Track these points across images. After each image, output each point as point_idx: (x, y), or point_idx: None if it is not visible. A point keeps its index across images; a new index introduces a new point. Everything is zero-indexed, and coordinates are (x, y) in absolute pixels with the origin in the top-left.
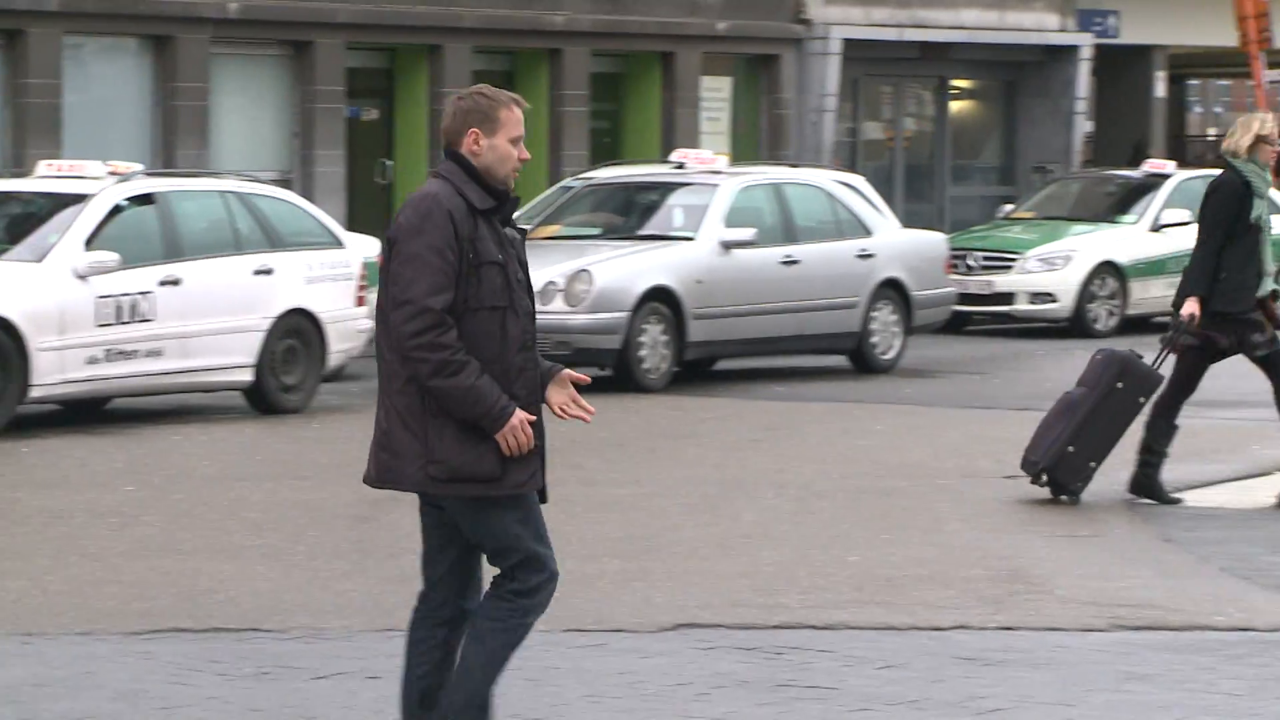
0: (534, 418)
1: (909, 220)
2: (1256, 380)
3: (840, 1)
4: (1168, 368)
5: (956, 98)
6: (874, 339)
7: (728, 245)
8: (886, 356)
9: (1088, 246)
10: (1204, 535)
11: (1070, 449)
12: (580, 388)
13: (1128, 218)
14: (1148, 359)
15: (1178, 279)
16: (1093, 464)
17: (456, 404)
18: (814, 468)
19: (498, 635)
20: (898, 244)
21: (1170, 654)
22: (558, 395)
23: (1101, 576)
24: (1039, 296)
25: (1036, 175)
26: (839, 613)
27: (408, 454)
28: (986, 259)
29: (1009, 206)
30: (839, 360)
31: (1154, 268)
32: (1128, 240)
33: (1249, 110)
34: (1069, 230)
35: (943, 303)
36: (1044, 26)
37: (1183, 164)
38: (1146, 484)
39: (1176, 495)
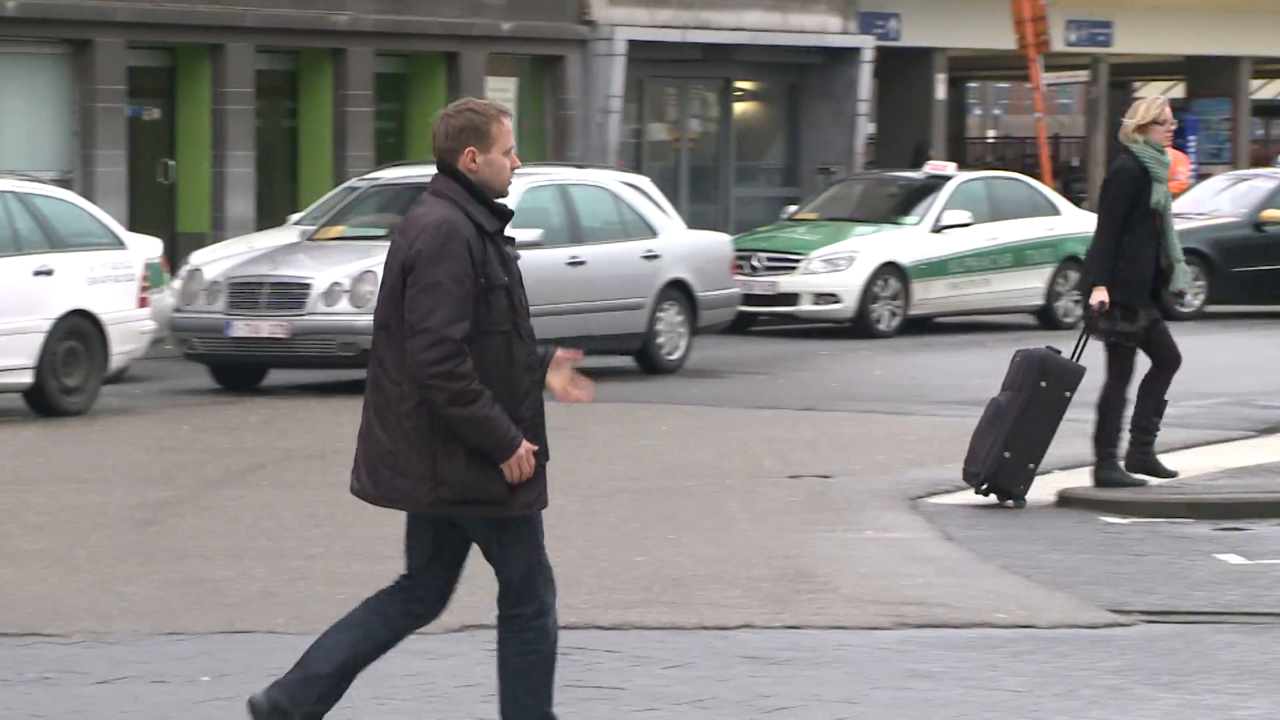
0: (536, 446)
1: (694, 221)
2: None
3: (625, 3)
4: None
5: (740, 99)
6: (660, 339)
7: (515, 246)
8: (672, 357)
9: (870, 247)
10: (985, 533)
11: (1007, 454)
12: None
13: (910, 219)
14: (1065, 353)
15: (959, 279)
16: (1031, 465)
17: (470, 432)
18: (601, 468)
19: (534, 666)
20: (683, 245)
21: (953, 651)
22: (557, 379)
23: (885, 575)
24: (823, 297)
25: (820, 176)
26: (626, 613)
27: (417, 475)
28: (771, 260)
29: (793, 208)
30: (625, 361)
31: (935, 268)
32: (910, 241)
33: (1028, 113)
34: (852, 231)
35: (728, 303)
36: (826, 29)
37: (963, 166)
38: (1144, 461)
39: (1173, 470)
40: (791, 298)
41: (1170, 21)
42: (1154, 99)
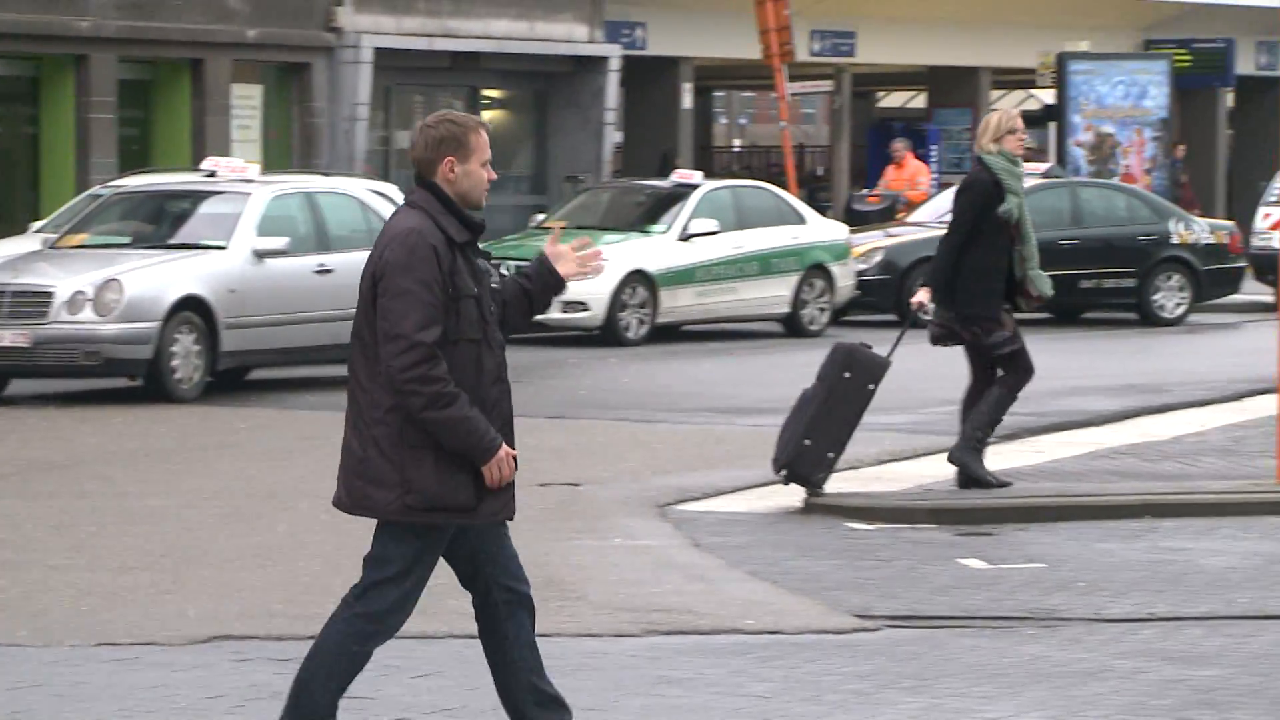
0: (515, 452)
1: None
2: (778, 389)
3: (371, 10)
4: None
5: (488, 107)
6: None
7: (260, 254)
8: None
9: (618, 256)
10: (732, 540)
11: (807, 442)
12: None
13: (657, 227)
14: (882, 350)
15: (707, 287)
16: (831, 454)
17: (448, 435)
18: None
19: (341, 653)
20: None
21: (701, 658)
22: (568, 265)
23: (634, 582)
24: (571, 305)
25: (568, 185)
26: None
27: (386, 483)
28: (519, 268)
29: (541, 216)
30: None
31: (683, 276)
32: (657, 249)
33: (773, 122)
34: (600, 240)
35: None
36: (573, 37)
37: (710, 174)
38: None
39: (1005, 480)
40: None
41: (912, 32)
42: (1007, 110)
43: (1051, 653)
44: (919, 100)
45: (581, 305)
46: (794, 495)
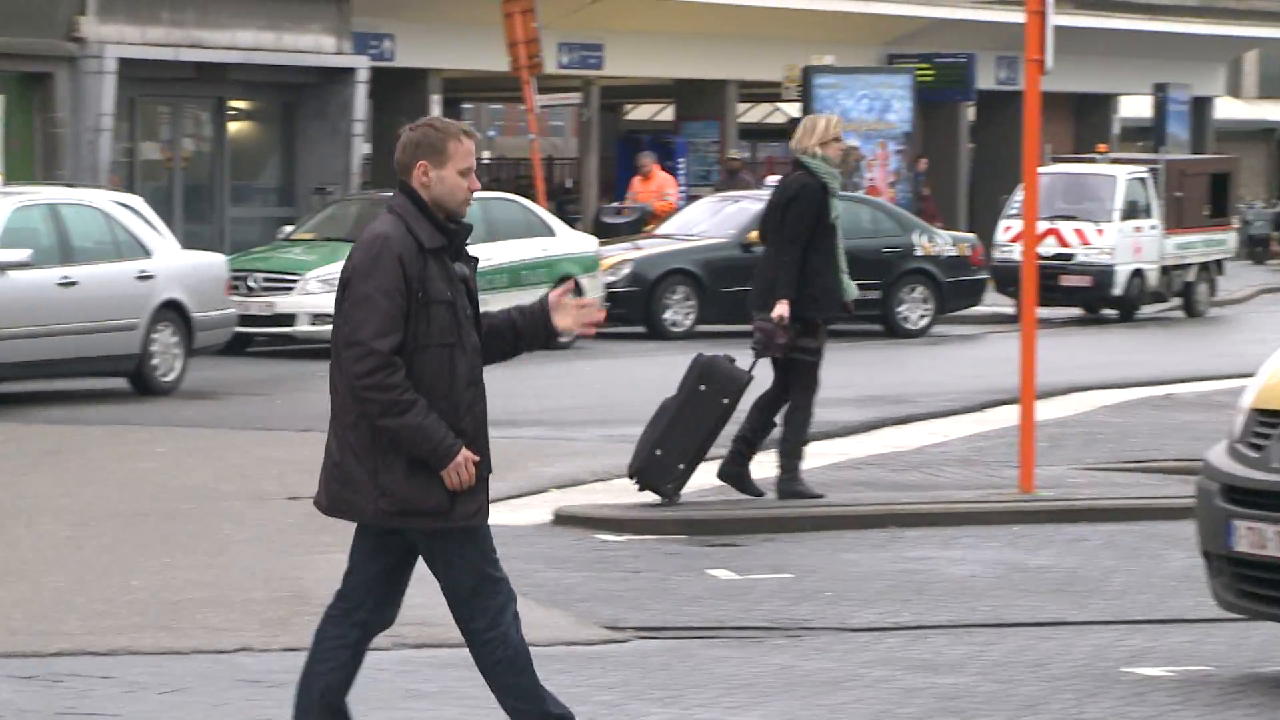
0: (478, 457)
1: (189, 241)
2: (523, 400)
3: (115, 20)
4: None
5: (235, 119)
6: (155, 361)
7: (2, 267)
8: (168, 378)
9: None
10: None
11: (658, 451)
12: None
13: None
14: (743, 363)
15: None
16: (681, 465)
17: (404, 441)
18: (94, 492)
19: (505, 673)
20: (178, 265)
21: (450, 670)
22: (566, 319)
23: None
24: (320, 318)
25: (316, 197)
26: (120, 638)
27: (360, 487)
28: (267, 280)
29: (289, 228)
30: (119, 383)
31: None
32: None
33: (522, 135)
34: (349, 251)
35: (224, 324)
36: (321, 49)
37: None
38: (737, 474)
39: (764, 491)
40: (289, 318)
41: (660, 45)
42: (829, 116)
43: (799, 662)
44: (667, 113)
45: (330, 318)
46: (544, 508)
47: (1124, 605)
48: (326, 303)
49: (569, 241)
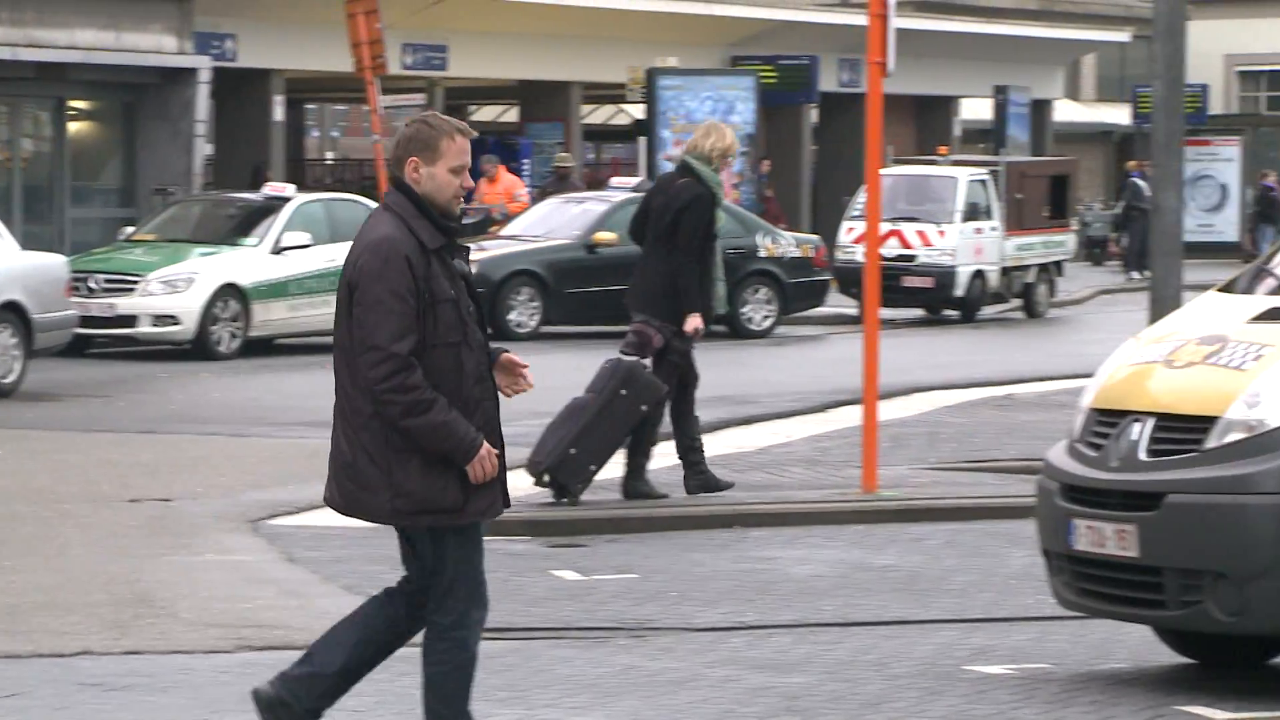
0: (498, 450)
1: (28, 243)
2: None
3: None
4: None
5: (75, 119)
6: None
7: None
8: (7, 380)
9: (210, 269)
10: (327, 554)
11: (572, 451)
12: None
13: (249, 240)
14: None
15: (299, 301)
16: (593, 466)
17: (429, 439)
18: None
19: (450, 678)
20: (17, 267)
21: None
22: (502, 379)
23: (226, 598)
24: (162, 319)
25: (157, 197)
26: None
27: (375, 487)
28: (108, 281)
29: (130, 229)
30: None
31: (275, 290)
32: (249, 262)
33: (366, 135)
34: (191, 253)
35: (64, 325)
36: (162, 48)
37: (302, 187)
38: (707, 480)
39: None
40: (130, 319)
41: (504, 46)
42: (723, 127)
43: (643, 662)
44: (511, 114)
45: (172, 319)
46: None
47: (966, 604)
48: (168, 304)
49: None
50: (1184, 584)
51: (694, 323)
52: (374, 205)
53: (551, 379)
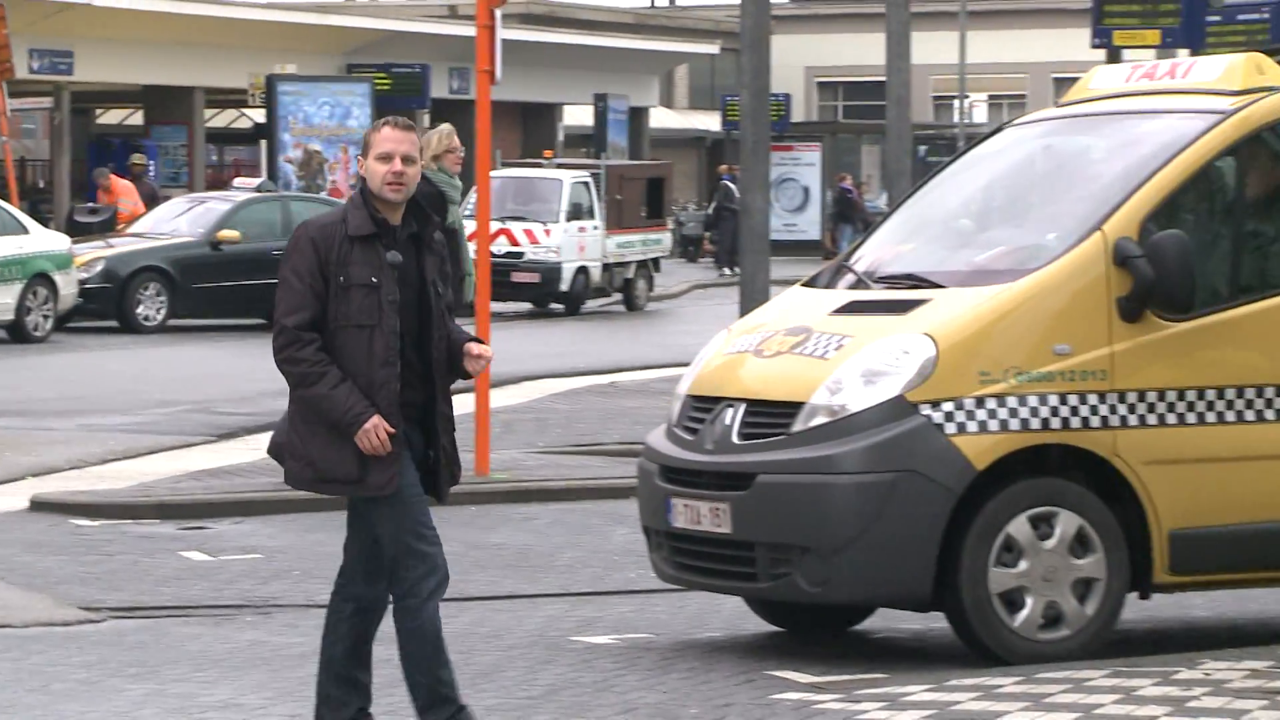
0: (394, 430)
1: None
2: (2, 392)
3: None
4: None
5: None
6: None
7: None
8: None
9: None
10: None
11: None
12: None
13: None
14: None
15: None
16: None
17: (316, 410)
18: None
19: (409, 641)
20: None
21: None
22: (467, 361)
23: None
24: None
25: None
26: None
27: (295, 455)
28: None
29: None
30: None
31: None
32: None
33: None
34: None
35: None
36: None
37: None
38: None
39: None
40: None
41: (129, 52)
42: (444, 130)
43: (269, 638)
44: (137, 117)
45: None
46: (19, 495)
47: (573, 579)
48: None
49: (42, 240)
50: (774, 558)
51: None
52: (3, 204)
53: (183, 369)
